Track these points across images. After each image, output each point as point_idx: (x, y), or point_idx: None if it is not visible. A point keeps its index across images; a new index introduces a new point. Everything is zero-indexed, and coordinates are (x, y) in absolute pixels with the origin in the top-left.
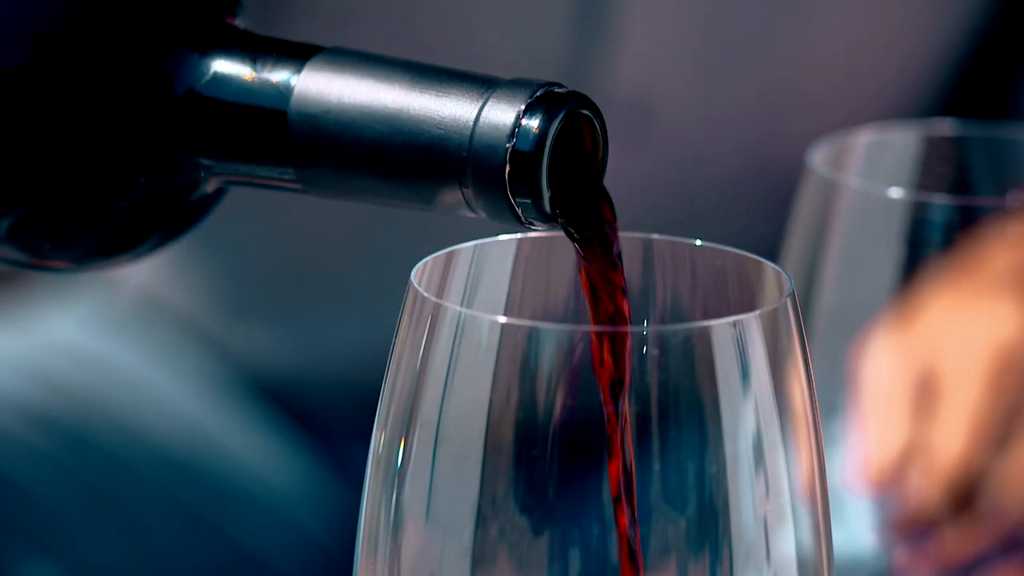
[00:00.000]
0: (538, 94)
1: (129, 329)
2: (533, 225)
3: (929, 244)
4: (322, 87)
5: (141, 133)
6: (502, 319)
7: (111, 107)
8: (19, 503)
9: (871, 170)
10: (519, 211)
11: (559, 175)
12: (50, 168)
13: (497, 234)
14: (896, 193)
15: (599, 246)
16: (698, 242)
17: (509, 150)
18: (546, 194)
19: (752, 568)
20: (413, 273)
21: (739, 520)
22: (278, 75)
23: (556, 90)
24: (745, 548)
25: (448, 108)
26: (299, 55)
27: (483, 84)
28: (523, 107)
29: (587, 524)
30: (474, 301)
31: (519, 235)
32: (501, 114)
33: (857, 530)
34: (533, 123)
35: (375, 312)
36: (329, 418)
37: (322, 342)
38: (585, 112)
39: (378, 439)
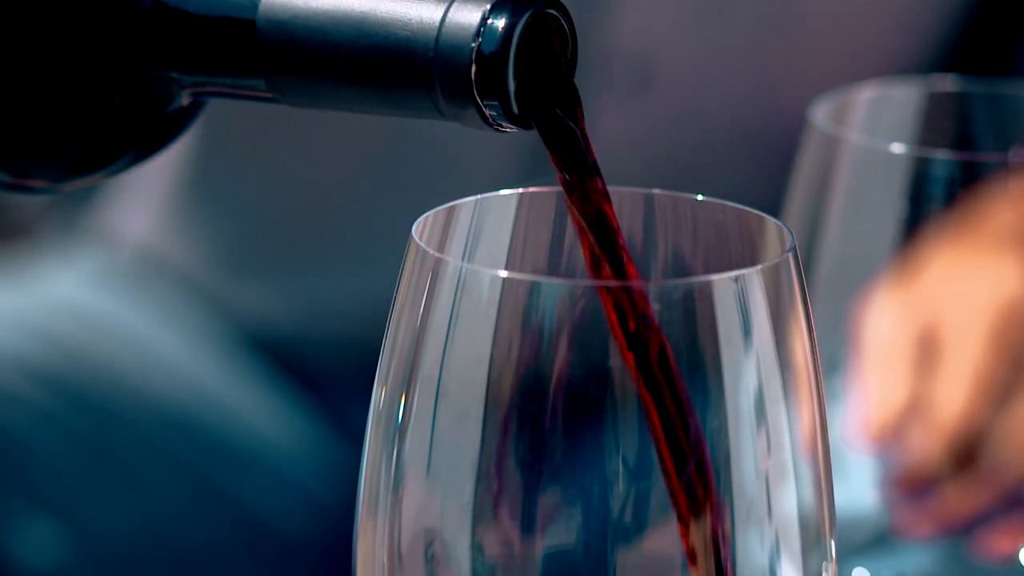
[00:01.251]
0: None
1: (130, 286)
2: (502, 127)
3: (931, 199)
4: None
5: (110, 48)
6: (503, 273)
7: (78, 23)
8: (19, 459)
9: (873, 126)
10: (487, 113)
11: (527, 75)
12: (21, 88)
13: (499, 189)
14: (898, 148)
15: (570, 145)
16: (699, 197)
17: (474, 50)
18: (513, 95)
19: (753, 524)
20: (414, 227)
21: (740, 476)
22: None
23: None
24: (746, 504)
25: (415, 10)
26: None
27: None
28: (489, 7)
29: (588, 480)
30: (475, 255)
31: (520, 189)
32: (467, 14)
33: (858, 486)
34: (499, 22)
35: (376, 268)
36: (330, 375)
37: (323, 298)
38: (552, 11)
39: (379, 395)
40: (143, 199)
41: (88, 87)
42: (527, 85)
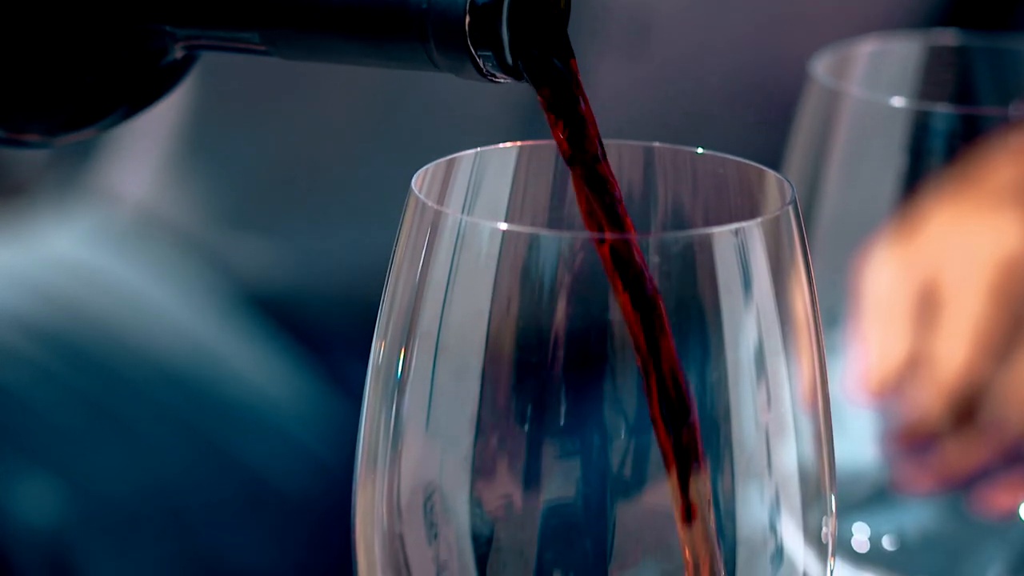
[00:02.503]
0: None
1: (128, 243)
2: (496, 78)
3: (931, 153)
4: None
5: (104, 0)
6: (503, 226)
7: None
8: (17, 417)
9: (873, 79)
10: (481, 63)
11: (521, 25)
12: (14, 40)
13: (499, 142)
14: (898, 102)
15: (563, 93)
16: (699, 150)
17: (468, 1)
18: (507, 45)
19: (753, 478)
20: (414, 180)
21: (740, 430)
22: None
23: None
24: (746, 458)
25: None
26: None
27: None
28: None
29: (588, 433)
30: (475, 208)
31: (520, 142)
32: None
33: (858, 441)
34: None
35: (375, 224)
36: (329, 331)
37: (321, 254)
38: None
39: (378, 349)
40: (141, 157)
41: (82, 39)
42: (521, 37)
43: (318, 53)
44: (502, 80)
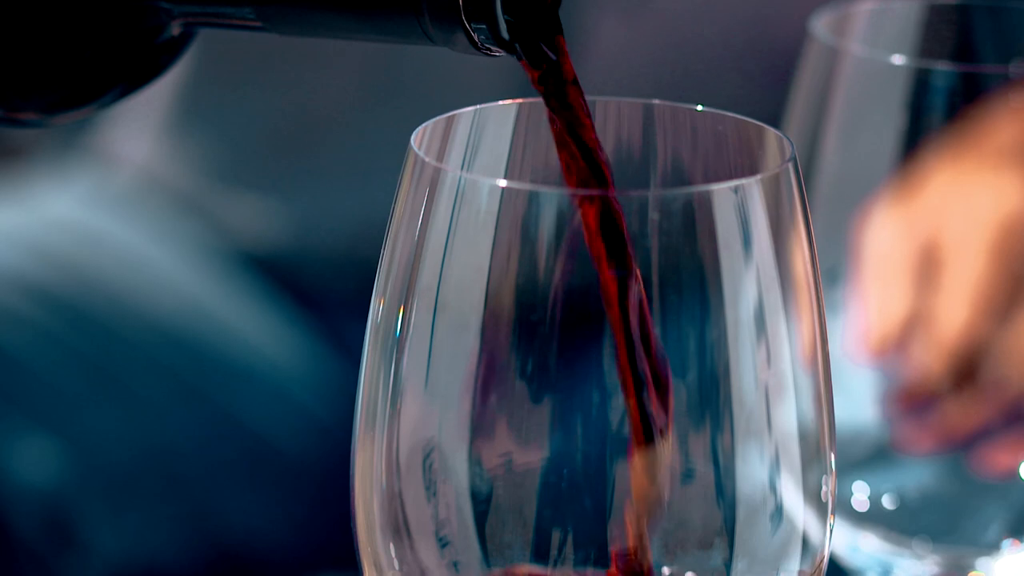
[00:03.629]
0: None
1: (127, 205)
2: (490, 52)
3: (931, 110)
4: None
5: None
6: (502, 183)
7: None
8: (16, 377)
9: (874, 37)
10: (475, 37)
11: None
12: (11, 19)
13: (498, 99)
14: (899, 60)
15: (554, 67)
16: (699, 107)
17: None
18: (501, 18)
19: (753, 436)
20: (413, 137)
21: (740, 388)
22: None
23: None
24: (746, 417)
25: None
26: None
27: None
28: None
29: (587, 391)
30: (474, 165)
31: (520, 100)
32: None
33: (858, 400)
34: None
35: (373, 184)
36: (328, 291)
37: (320, 214)
38: None
39: (377, 307)
40: (139, 118)
41: (78, 17)
42: (516, 9)
43: (313, 28)
44: (497, 53)
